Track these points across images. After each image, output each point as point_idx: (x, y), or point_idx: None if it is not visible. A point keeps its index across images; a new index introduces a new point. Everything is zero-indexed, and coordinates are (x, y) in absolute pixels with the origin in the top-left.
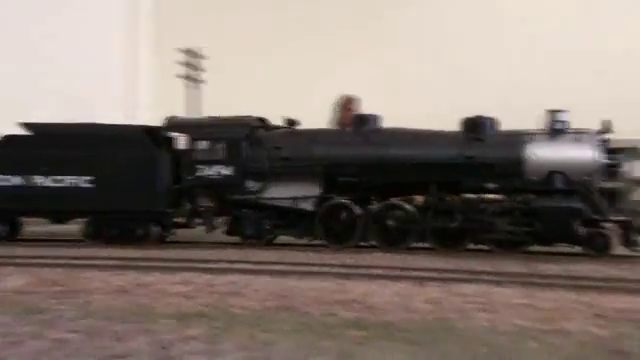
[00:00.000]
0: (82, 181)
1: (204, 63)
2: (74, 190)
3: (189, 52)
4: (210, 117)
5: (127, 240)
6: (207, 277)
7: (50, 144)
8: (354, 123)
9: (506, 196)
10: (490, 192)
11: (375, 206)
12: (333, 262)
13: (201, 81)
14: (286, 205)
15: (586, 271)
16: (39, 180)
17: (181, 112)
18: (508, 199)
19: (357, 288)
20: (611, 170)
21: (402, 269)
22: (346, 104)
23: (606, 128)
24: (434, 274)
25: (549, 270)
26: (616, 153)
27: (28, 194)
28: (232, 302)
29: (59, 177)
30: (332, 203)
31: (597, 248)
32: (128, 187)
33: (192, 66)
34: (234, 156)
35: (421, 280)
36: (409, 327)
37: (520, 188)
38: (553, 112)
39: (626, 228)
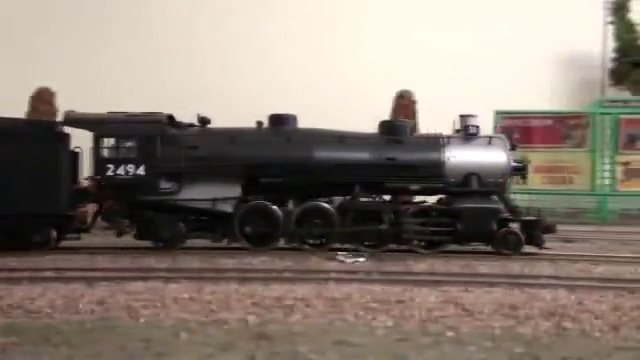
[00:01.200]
0: None
1: None
2: None
3: None
4: (112, 113)
5: (21, 246)
6: None
7: None
8: (270, 123)
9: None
10: (413, 193)
11: (296, 207)
12: None
13: None
14: (204, 207)
15: (257, 263)
16: None
17: None
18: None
19: (18, 292)
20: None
21: (72, 270)
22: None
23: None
24: (108, 274)
25: (224, 265)
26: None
27: None
28: None
29: None
30: (252, 204)
31: (510, 247)
32: (26, 187)
33: None
34: (147, 155)
35: (91, 280)
36: (70, 329)
37: (441, 189)
38: (465, 117)
39: (534, 227)
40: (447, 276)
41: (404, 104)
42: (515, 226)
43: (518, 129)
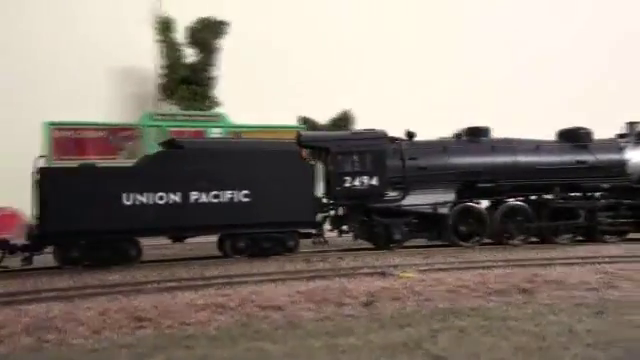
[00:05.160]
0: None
1: None
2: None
3: None
4: (342, 131)
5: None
6: None
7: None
8: (468, 134)
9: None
10: (603, 191)
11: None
12: None
13: None
14: (426, 211)
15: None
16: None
17: None
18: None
19: None
20: None
21: None
22: None
23: None
24: None
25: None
26: None
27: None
28: None
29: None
30: (462, 206)
31: None
32: (281, 199)
33: None
34: (378, 167)
35: None
36: None
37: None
38: (634, 124)
39: None
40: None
41: None
42: None
43: (72, 141)
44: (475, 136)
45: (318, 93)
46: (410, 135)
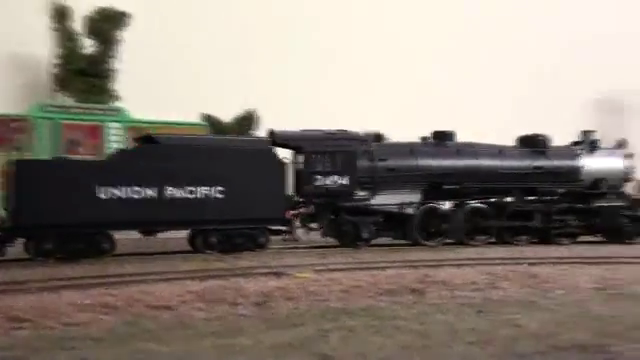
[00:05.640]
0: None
1: None
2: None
3: None
4: (313, 131)
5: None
6: None
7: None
8: (434, 137)
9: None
10: (558, 195)
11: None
12: None
13: None
14: (393, 210)
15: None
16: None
17: None
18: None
19: None
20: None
21: None
22: None
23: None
24: None
25: None
26: None
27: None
28: None
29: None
30: (427, 207)
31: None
32: (253, 196)
33: None
34: (350, 167)
35: None
36: None
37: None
38: (588, 132)
39: None
40: None
41: None
42: None
43: None
44: (441, 140)
45: (223, 91)
46: (378, 137)
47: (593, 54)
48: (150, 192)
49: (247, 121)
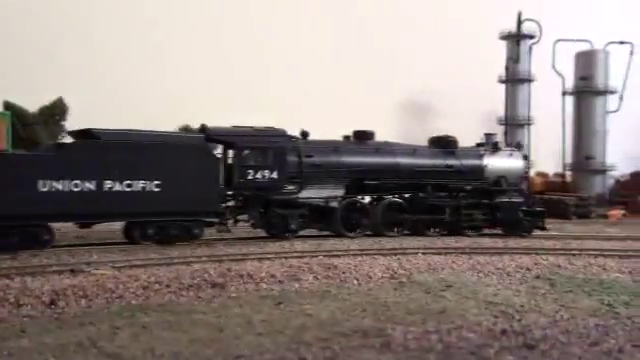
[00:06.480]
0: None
1: None
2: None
3: None
4: (244, 127)
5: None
6: None
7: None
8: (355, 137)
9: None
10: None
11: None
12: None
13: None
14: (319, 203)
15: None
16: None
17: None
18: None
19: None
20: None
21: None
22: None
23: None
24: None
25: None
26: None
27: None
28: None
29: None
30: (349, 201)
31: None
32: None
33: None
34: (279, 163)
35: None
36: None
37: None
38: (489, 135)
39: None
40: None
41: None
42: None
43: None
44: (362, 139)
45: (26, 79)
46: (304, 134)
47: (403, 59)
48: (89, 185)
49: (55, 110)
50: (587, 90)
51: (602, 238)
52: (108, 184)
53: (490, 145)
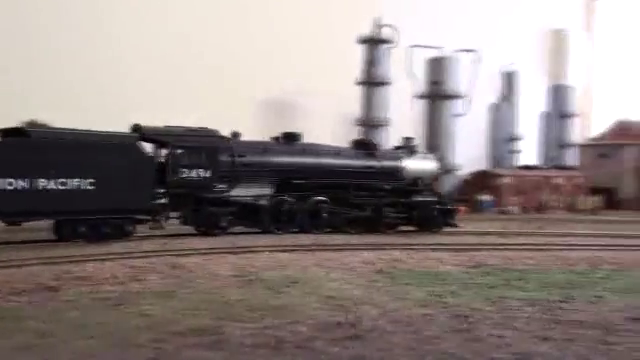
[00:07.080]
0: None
1: None
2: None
3: None
4: (178, 127)
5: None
6: None
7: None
8: (284, 138)
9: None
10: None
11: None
12: None
13: None
14: (249, 202)
15: None
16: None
17: None
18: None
19: None
20: None
21: None
22: None
23: None
24: None
25: None
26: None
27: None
28: None
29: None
30: (276, 200)
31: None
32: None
33: None
34: (212, 162)
35: None
36: None
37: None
38: (408, 138)
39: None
40: None
41: None
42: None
43: None
44: (290, 140)
45: None
46: (235, 135)
47: (264, 59)
48: (22, 183)
49: None
50: (437, 94)
51: (442, 233)
52: (42, 182)
53: (407, 148)
